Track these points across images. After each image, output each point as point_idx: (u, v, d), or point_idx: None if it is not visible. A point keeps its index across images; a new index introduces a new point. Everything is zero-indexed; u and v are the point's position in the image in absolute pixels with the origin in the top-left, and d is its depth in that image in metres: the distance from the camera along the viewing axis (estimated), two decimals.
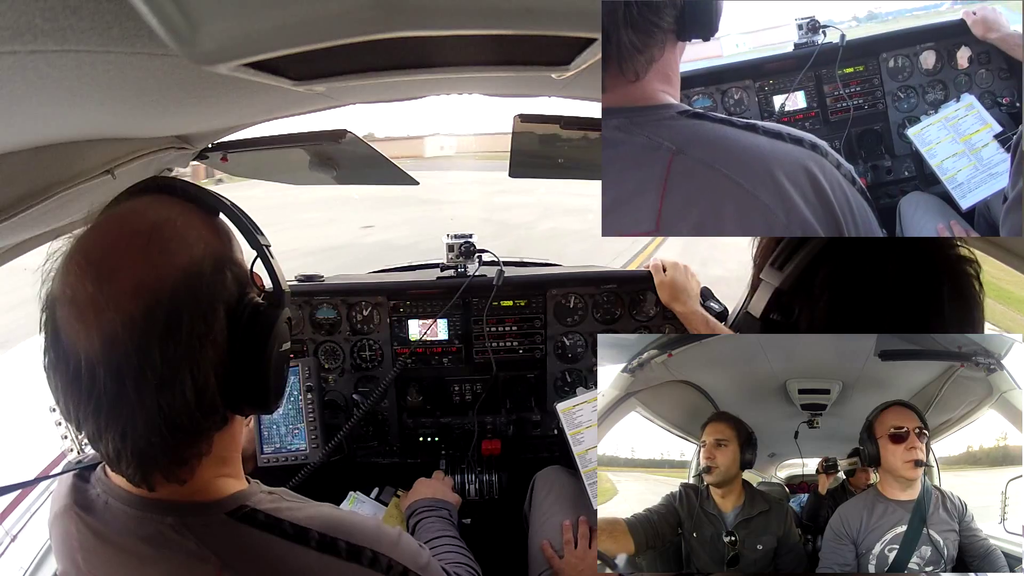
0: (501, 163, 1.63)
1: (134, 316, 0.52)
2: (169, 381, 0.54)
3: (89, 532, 0.64)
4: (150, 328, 0.53)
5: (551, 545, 1.30)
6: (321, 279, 1.79)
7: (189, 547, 0.60)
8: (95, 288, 0.53)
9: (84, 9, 0.41)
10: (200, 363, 0.56)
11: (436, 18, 0.49)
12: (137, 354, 0.52)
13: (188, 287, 0.55)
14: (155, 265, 0.55)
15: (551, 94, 1.18)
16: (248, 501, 0.64)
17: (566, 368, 1.79)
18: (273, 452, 1.47)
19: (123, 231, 0.57)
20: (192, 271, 0.56)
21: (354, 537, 0.67)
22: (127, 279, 0.53)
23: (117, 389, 0.53)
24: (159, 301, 0.53)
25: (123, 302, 0.52)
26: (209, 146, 1.31)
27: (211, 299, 0.57)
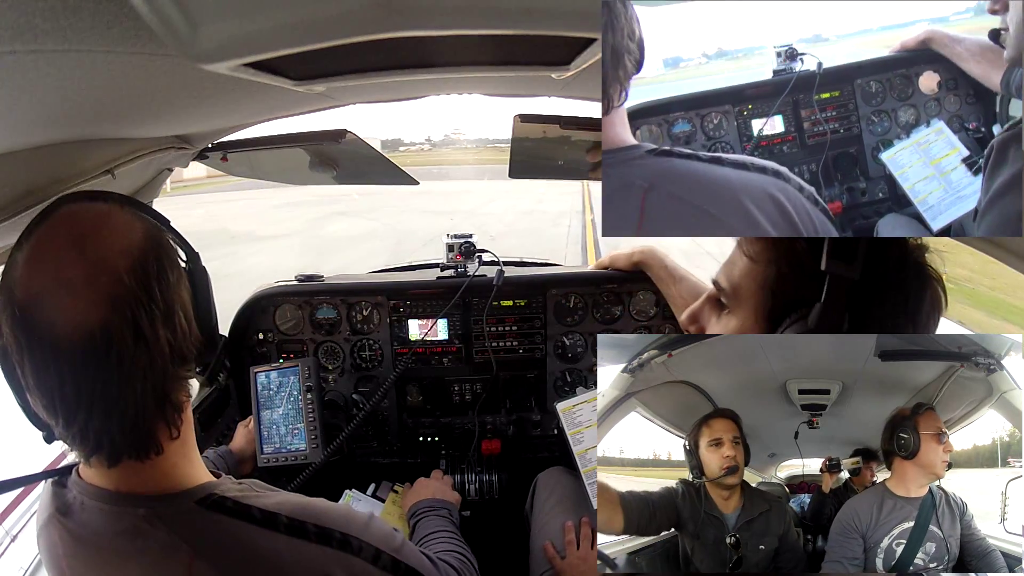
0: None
1: (129, 269, 0.59)
2: (170, 313, 0.62)
3: (70, 537, 0.65)
4: (145, 274, 0.60)
5: (553, 546, 1.30)
6: (321, 279, 1.79)
7: (161, 537, 0.62)
8: (82, 267, 0.57)
9: (84, 9, 0.41)
10: (182, 298, 0.65)
11: (436, 18, 0.49)
12: (144, 294, 0.59)
13: (155, 243, 0.64)
14: (123, 233, 0.61)
15: (551, 94, 1.18)
16: (216, 489, 0.66)
17: (566, 368, 1.79)
18: (273, 452, 1.47)
19: (78, 222, 0.61)
20: (152, 234, 0.64)
21: (323, 520, 0.68)
22: (107, 248, 0.59)
23: (134, 334, 0.58)
24: (143, 252, 0.61)
25: (113, 265, 0.58)
26: (209, 146, 1.31)
27: (171, 252, 0.66)
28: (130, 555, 0.62)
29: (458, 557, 0.99)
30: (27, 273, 0.57)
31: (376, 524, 0.75)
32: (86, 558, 0.64)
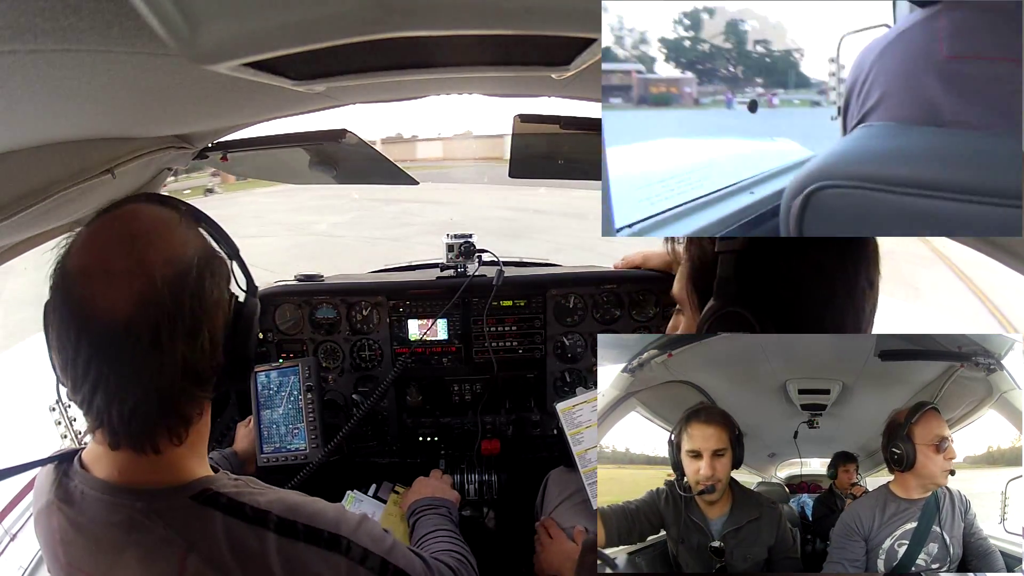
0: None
1: (168, 278, 0.62)
2: (194, 332, 0.63)
3: (68, 524, 0.67)
4: (180, 287, 0.62)
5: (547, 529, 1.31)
6: (321, 279, 1.79)
7: (158, 531, 0.63)
8: (124, 262, 0.61)
9: (84, 9, 0.41)
10: (214, 322, 0.66)
11: (436, 18, 0.49)
12: (173, 305, 0.61)
13: (203, 262, 0.66)
14: (174, 244, 0.65)
15: (551, 94, 1.18)
16: (212, 485, 0.68)
17: (566, 368, 1.79)
18: (273, 452, 1.47)
19: (138, 221, 0.65)
20: (205, 253, 0.67)
21: (313, 520, 0.69)
22: (153, 252, 0.62)
23: (151, 338, 0.60)
24: (186, 267, 0.64)
25: (151, 269, 0.61)
26: (209, 145, 1.31)
27: (220, 275, 0.68)
28: (126, 546, 0.64)
29: (455, 556, 0.99)
30: (80, 250, 0.63)
31: (367, 525, 0.75)
32: (83, 546, 0.66)
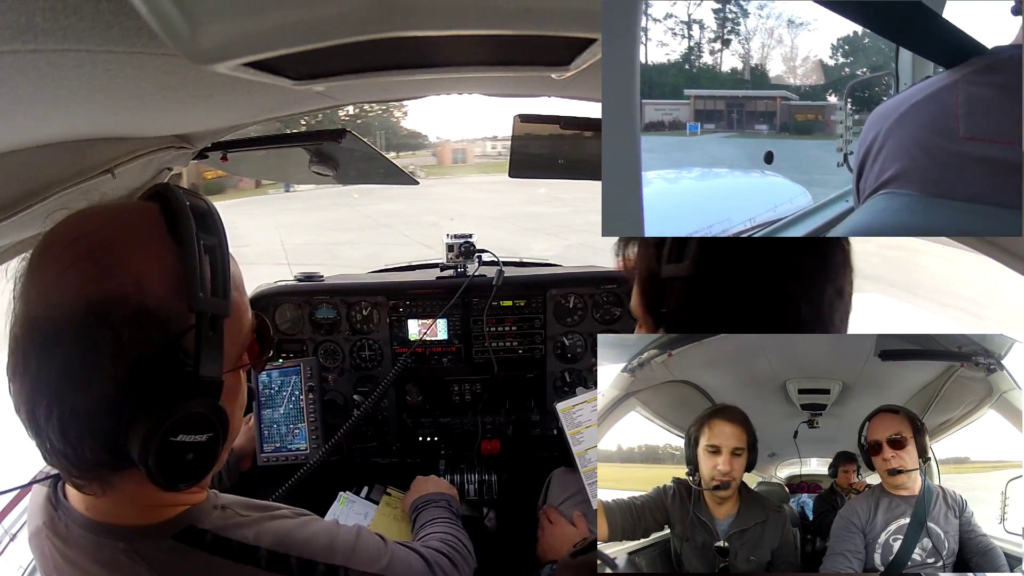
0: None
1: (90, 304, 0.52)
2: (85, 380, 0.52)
3: (60, 557, 0.64)
4: (99, 326, 0.52)
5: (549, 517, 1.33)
6: (321, 279, 1.79)
7: (141, 572, 0.60)
8: (82, 263, 0.54)
9: (84, 9, 0.41)
10: (115, 377, 0.53)
11: (436, 18, 0.49)
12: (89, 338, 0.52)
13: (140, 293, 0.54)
14: (111, 264, 0.54)
15: (551, 94, 1.18)
16: (196, 521, 0.63)
17: (566, 368, 1.79)
18: (273, 451, 1.47)
19: (85, 231, 0.57)
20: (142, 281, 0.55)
21: (305, 551, 0.66)
22: (91, 269, 0.54)
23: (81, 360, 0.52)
24: (112, 294, 0.53)
25: (84, 285, 0.53)
26: (209, 145, 1.31)
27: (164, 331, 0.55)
28: None
29: (450, 542, 0.98)
30: (31, 255, 0.57)
31: (362, 544, 0.73)
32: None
